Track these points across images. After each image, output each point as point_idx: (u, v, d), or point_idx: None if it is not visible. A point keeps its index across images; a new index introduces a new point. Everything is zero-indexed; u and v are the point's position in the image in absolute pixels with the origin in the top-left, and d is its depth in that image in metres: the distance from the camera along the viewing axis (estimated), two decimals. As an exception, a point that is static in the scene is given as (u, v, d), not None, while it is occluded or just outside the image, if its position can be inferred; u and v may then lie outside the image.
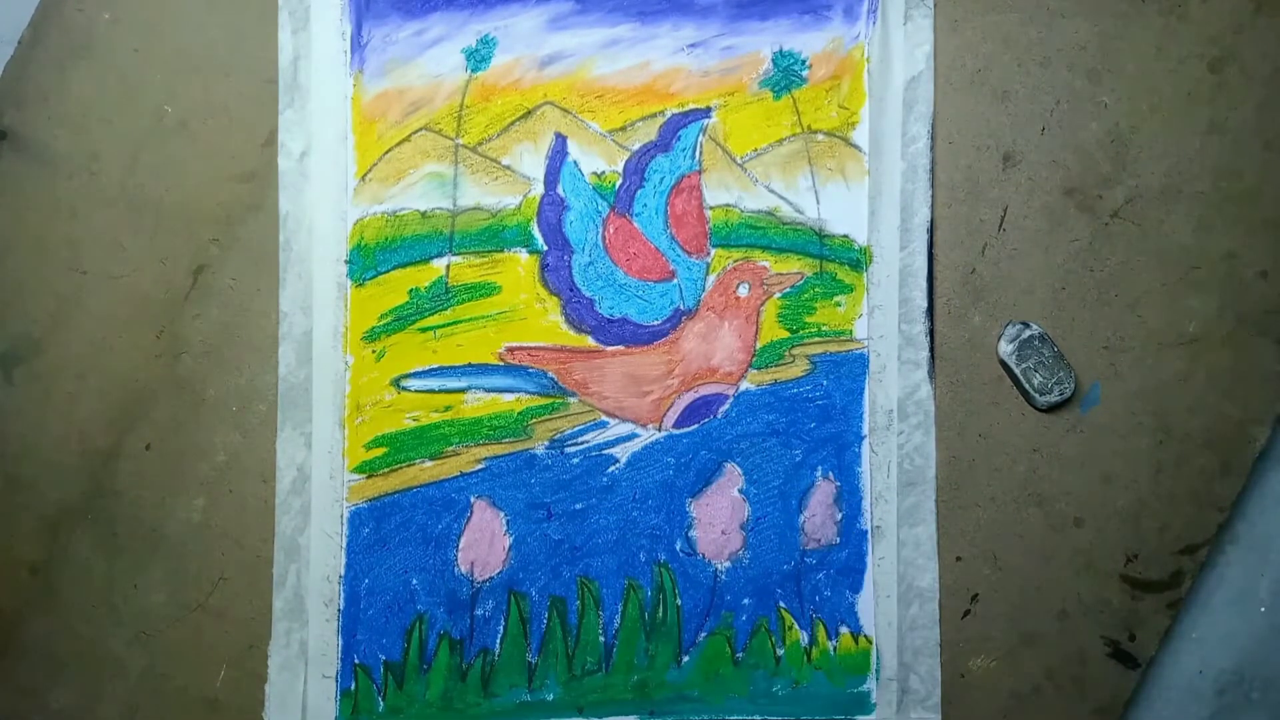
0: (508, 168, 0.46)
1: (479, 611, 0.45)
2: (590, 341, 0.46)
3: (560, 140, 0.46)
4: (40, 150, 0.46)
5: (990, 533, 0.46)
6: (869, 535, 0.45)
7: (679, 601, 0.45)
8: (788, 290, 0.46)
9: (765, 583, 0.45)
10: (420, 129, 0.46)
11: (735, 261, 0.46)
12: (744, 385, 0.46)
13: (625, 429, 0.46)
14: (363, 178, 0.46)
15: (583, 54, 0.46)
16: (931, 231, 0.46)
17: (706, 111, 0.46)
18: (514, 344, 0.46)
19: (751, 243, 0.46)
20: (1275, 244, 0.46)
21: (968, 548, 0.46)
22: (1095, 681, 0.45)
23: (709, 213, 0.46)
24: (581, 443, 0.46)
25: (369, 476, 0.45)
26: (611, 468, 0.45)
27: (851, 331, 0.46)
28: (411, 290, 0.46)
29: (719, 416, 0.46)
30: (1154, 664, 0.46)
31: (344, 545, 0.45)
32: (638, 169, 0.46)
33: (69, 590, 0.45)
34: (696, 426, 0.46)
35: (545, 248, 0.46)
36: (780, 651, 0.45)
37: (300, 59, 0.46)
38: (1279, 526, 0.47)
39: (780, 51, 0.46)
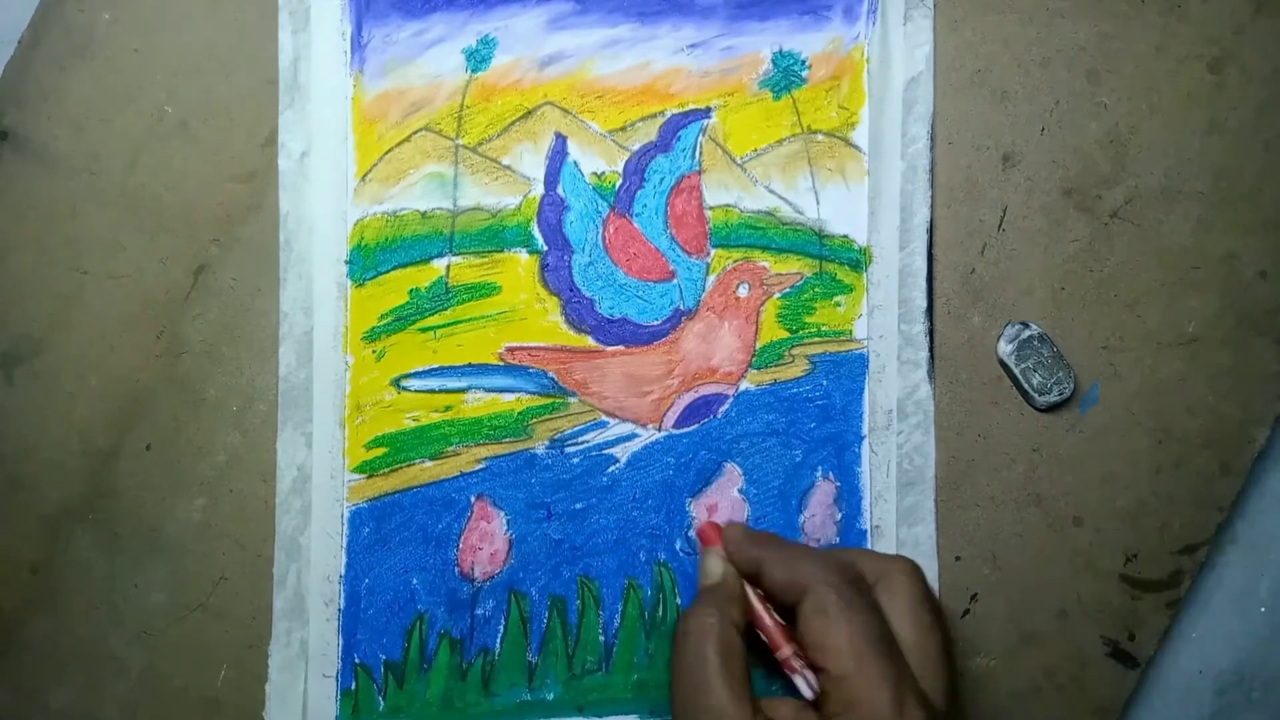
0: (508, 168, 0.46)
1: (479, 611, 0.45)
2: (590, 341, 0.46)
3: (560, 140, 0.46)
4: (40, 150, 0.46)
5: (989, 533, 0.46)
6: (868, 535, 0.45)
7: (679, 601, 0.45)
8: (787, 290, 0.46)
9: (765, 582, 0.45)
10: (420, 129, 0.46)
11: (735, 262, 0.46)
12: (744, 385, 0.46)
13: (625, 429, 0.46)
14: (363, 178, 0.46)
15: (583, 54, 0.46)
16: (931, 232, 0.46)
17: (706, 112, 0.46)
18: (514, 344, 0.46)
19: (751, 243, 0.46)
20: (1275, 244, 0.46)
21: (967, 547, 0.46)
22: (1095, 681, 0.45)
23: (709, 213, 0.46)
24: (581, 443, 0.46)
25: (369, 476, 0.45)
26: (611, 467, 0.46)
27: (851, 331, 0.46)
28: (411, 290, 0.46)
29: (719, 416, 0.46)
30: (1154, 664, 0.46)
31: (344, 545, 0.45)
32: (638, 169, 0.46)
33: (69, 590, 0.45)
34: (696, 426, 0.46)
35: (545, 248, 0.46)
36: (780, 651, 0.45)
37: (300, 59, 0.46)
38: (1279, 526, 0.48)
39: (780, 52, 0.46)
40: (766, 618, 0.40)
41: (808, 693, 0.38)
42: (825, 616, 0.38)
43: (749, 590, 0.41)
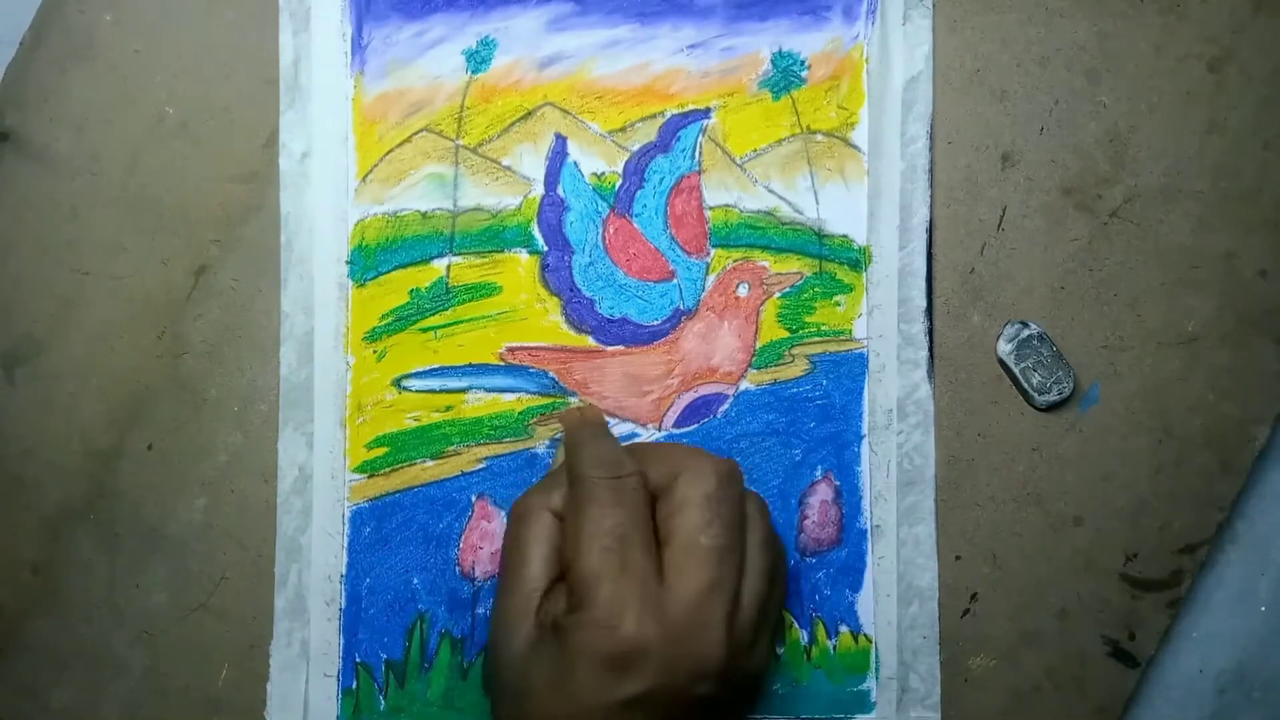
0: (508, 168, 0.46)
1: (480, 610, 0.45)
2: (590, 341, 0.46)
3: (560, 141, 0.46)
4: (41, 151, 0.46)
5: (989, 532, 0.46)
6: (869, 535, 0.45)
7: (679, 601, 0.45)
8: (787, 290, 0.46)
9: (765, 582, 0.45)
10: (421, 130, 0.46)
11: (735, 261, 0.46)
12: (744, 385, 0.46)
13: (626, 429, 0.46)
14: (364, 178, 0.46)
15: (582, 55, 0.46)
16: (931, 231, 0.46)
17: (706, 112, 0.46)
18: (514, 344, 0.46)
19: (751, 243, 0.46)
20: (1275, 244, 0.46)
21: (967, 547, 0.46)
22: (1095, 681, 0.45)
23: (709, 213, 0.46)
24: (582, 442, 0.46)
25: (370, 476, 0.45)
26: (612, 467, 0.46)
27: (851, 331, 0.46)
28: (412, 290, 0.46)
29: (719, 416, 0.46)
30: (1154, 664, 0.46)
31: (345, 545, 0.45)
32: (637, 170, 0.46)
33: (70, 590, 0.45)
34: (696, 426, 0.46)
35: (545, 248, 0.46)
36: (780, 650, 0.45)
37: (301, 60, 0.46)
38: (1279, 526, 0.48)
39: (779, 52, 0.46)
40: None
41: None
42: (571, 508, 0.39)
43: None
